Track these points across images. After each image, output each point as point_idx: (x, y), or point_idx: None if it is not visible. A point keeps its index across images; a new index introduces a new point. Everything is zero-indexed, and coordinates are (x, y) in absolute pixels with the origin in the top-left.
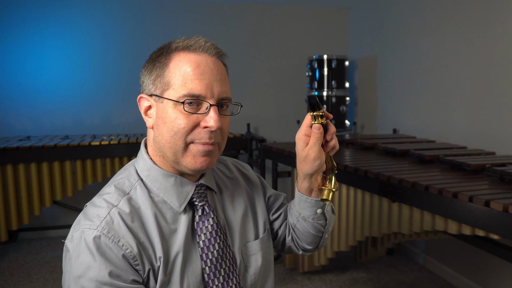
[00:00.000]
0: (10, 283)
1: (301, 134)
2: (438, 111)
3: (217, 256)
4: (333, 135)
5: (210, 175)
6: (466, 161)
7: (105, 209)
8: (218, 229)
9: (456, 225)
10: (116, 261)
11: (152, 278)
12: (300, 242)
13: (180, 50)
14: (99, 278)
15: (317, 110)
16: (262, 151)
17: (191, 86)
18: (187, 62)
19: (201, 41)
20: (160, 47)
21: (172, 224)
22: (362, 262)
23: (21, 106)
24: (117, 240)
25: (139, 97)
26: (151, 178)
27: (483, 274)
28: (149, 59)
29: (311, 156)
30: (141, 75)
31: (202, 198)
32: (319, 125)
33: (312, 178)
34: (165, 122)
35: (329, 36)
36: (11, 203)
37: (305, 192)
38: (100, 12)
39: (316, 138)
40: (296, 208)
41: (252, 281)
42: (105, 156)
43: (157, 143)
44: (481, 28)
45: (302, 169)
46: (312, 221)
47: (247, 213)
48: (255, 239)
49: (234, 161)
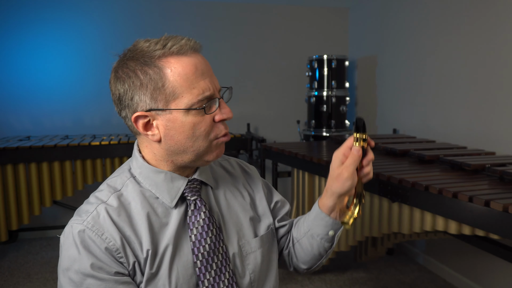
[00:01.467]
0: (10, 283)
1: (340, 152)
2: (438, 111)
3: (209, 250)
4: (370, 163)
5: (205, 170)
6: (466, 161)
7: (94, 205)
8: (210, 223)
9: (456, 225)
10: (99, 253)
11: (138, 270)
12: (295, 259)
13: (168, 56)
14: (82, 270)
15: (361, 132)
16: (262, 151)
17: (199, 89)
18: (184, 67)
19: (183, 42)
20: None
21: (163, 218)
22: (362, 262)
23: (21, 106)
24: (100, 234)
25: (135, 116)
26: (143, 175)
27: (483, 274)
28: (125, 74)
29: (344, 176)
30: (119, 92)
31: (194, 193)
32: (359, 148)
33: (339, 198)
34: (183, 131)
35: (329, 36)
36: (11, 203)
37: (326, 210)
38: (100, 12)
39: (354, 159)
40: (307, 223)
41: (251, 278)
42: (105, 156)
43: (172, 151)
44: (481, 28)
45: (332, 186)
46: (319, 240)
47: (246, 210)
48: (254, 236)
49: (239, 160)
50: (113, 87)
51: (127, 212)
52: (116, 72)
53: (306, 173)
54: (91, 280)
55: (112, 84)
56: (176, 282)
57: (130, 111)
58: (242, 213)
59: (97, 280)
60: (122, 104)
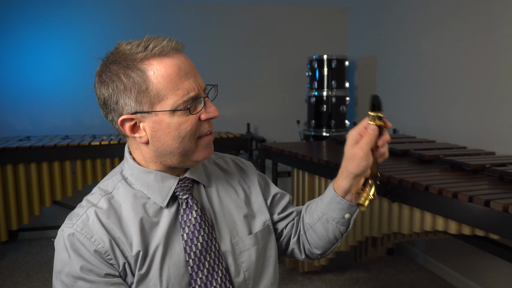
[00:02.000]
0: (10, 283)
1: (355, 131)
2: (438, 111)
3: (201, 248)
4: (385, 143)
5: (197, 169)
6: (466, 161)
7: (84, 208)
8: (202, 222)
9: (456, 225)
10: (88, 256)
11: (129, 271)
12: (307, 244)
13: (150, 58)
14: (72, 273)
15: (377, 111)
16: (262, 151)
17: (183, 90)
18: (167, 69)
19: (164, 42)
20: (114, 61)
21: (154, 218)
22: (362, 262)
23: (21, 106)
24: (89, 236)
25: (121, 119)
26: (134, 176)
27: (483, 274)
28: (109, 78)
29: (358, 155)
30: (104, 97)
31: (186, 191)
32: (375, 126)
33: (355, 179)
34: (169, 132)
35: (329, 36)
36: (11, 203)
37: (341, 192)
38: (100, 12)
39: (370, 138)
40: (321, 208)
41: (246, 276)
42: (105, 156)
43: (160, 152)
44: (481, 27)
45: (348, 166)
46: (335, 224)
47: (240, 207)
48: (248, 234)
49: (234, 157)
50: (98, 91)
51: (117, 214)
52: (100, 76)
53: (306, 173)
54: (81, 283)
55: (97, 88)
56: (167, 281)
57: (116, 115)
58: (236, 210)
59: (88, 283)
60: (108, 108)
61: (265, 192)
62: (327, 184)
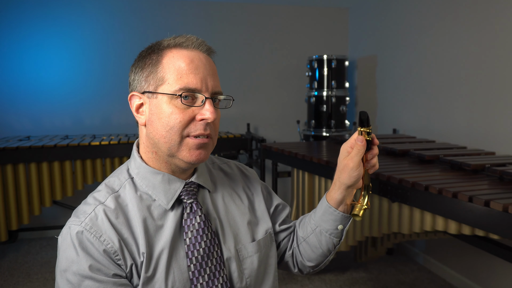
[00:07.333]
0: (10, 283)
1: (347, 145)
2: (438, 111)
3: (203, 254)
4: (375, 156)
5: (203, 174)
6: (466, 161)
7: (92, 206)
8: (205, 227)
9: (456, 225)
10: (97, 255)
11: (135, 273)
12: (300, 257)
13: (172, 47)
14: (80, 272)
15: (365, 126)
16: (262, 151)
17: (186, 80)
18: (180, 58)
19: (193, 38)
20: (149, 46)
21: (158, 221)
22: (362, 262)
23: (21, 106)
24: (98, 236)
25: (130, 95)
26: (140, 176)
27: (483, 274)
28: (139, 57)
29: (349, 166)
30: (130, 73)
31: (191, 196)
32: (362, 137)
33: (348, 190)
34: (160, 117)
35: (329, 36)
36: (11, 203)
37: (334, 204)
38: (100, 11)
39: (358, 149)
40: (315, 221)
41: (247, 283)
42: (105, 156)
43: (151, 139)
44: (481, 28)
45: (340, 178)
46: (328, 236)
47: (244, 214)
48: (251, 241)
49: (238, 163)
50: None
51: (125, 214)
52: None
53: (306, 173)
54: (89, 282)
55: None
56: (172, 285)
57: (129, 90)
58: (240, 217)
59: (95, 282)
60: (129, 84)
61: (267, 201)
62: (327, 184)
